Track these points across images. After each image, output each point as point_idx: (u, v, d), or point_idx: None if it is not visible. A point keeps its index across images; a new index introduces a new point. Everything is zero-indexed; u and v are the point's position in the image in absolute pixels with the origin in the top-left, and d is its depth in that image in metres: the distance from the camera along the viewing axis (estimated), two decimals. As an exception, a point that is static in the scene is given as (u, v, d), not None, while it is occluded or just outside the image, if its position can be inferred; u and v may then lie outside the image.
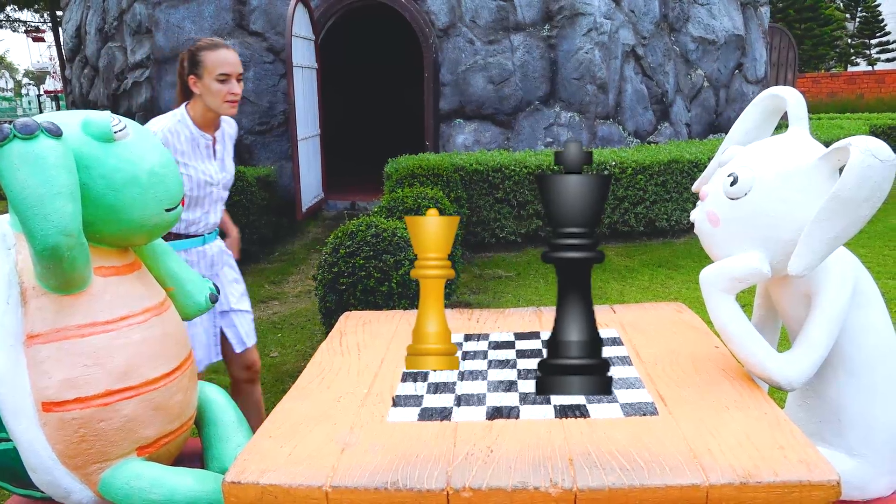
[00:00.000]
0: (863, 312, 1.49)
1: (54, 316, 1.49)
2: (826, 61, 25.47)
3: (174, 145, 2.20)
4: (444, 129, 6.78)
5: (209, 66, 2.15)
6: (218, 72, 2.15)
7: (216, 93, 2.17)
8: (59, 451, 1.50)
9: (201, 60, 2.16)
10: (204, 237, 2.37)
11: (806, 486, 1.06)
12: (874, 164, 1.26)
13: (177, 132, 2.22)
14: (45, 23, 26.44)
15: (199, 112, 2.24)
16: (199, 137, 2.26)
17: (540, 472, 1.12)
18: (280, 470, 1.17)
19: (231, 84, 2.17)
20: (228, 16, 6.86)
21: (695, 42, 7.83)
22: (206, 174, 2.28)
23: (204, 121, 2.26)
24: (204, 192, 2.30)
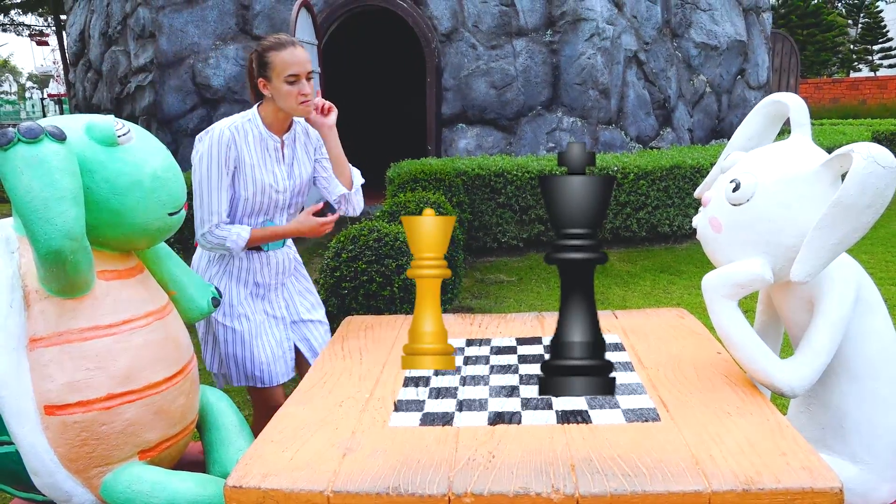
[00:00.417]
0: (865, 319, 1.49)
1: (57, 319, 1.50)
2: (828, 67, 25.48)
3: (239, 143, 2.06)
4: (447, 134, 6.79)
5: (277, 67, 2.02)
6: (287, 73, 2.01)
7: (286, 95, 2.03)
8: (60, 454, 1.50)
9: (269, 62, 2.03)
10: (266, 244, 2.18)
11: (808, 493, 1.06)
12: (876, 170, 1.26)
13: (245, 131, 2.09)
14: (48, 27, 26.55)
15: (270, 113, 2.11)
16: (268, 139, 2.12)
17: (542, 477, 1.12)
18: (281, 474, 1.17)
19: (301, 84, 2.04)
20: (232, 20, 6.88)
21: (697, 48, 7.84)
22: (270, 179, 2.11)
23: (275, 122, 2.13)
24: (266, 197, 2.12)
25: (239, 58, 6.86)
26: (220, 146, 2.02)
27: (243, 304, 2.17)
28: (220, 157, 2.02)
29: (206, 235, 2.07)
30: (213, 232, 2.06)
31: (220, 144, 2.02)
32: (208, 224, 2.06)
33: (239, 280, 2.17)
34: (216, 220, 2.06)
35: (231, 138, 2.03)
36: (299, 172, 2.20)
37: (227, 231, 2.07)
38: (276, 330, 2.23)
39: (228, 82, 6.85)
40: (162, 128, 7.03)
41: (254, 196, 2.10)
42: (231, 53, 6.87)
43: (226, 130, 2.03)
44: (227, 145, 2.02)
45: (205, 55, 6.89)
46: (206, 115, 6.95)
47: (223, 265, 2.17)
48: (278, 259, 2.23)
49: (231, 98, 6.86)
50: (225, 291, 2.16)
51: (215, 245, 2.07)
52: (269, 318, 2.23)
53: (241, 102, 6.79)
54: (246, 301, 2.18)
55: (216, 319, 2.17)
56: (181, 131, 7.01)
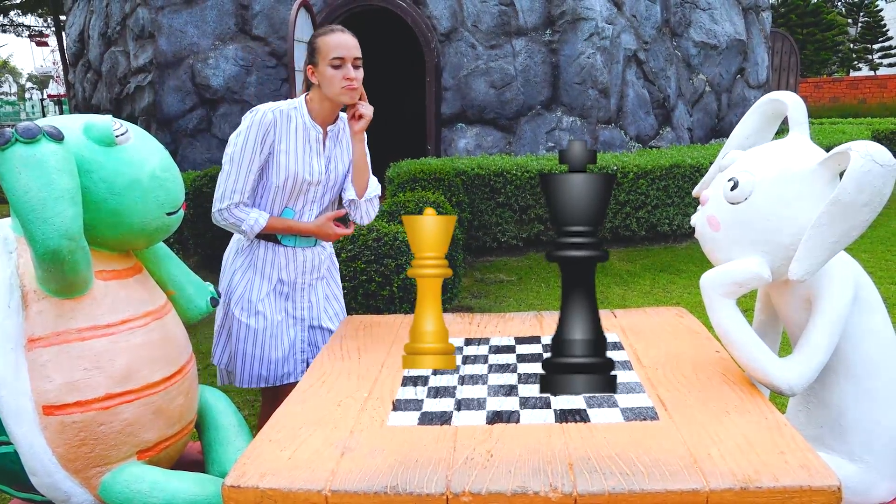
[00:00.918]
0: (864, 317, 1.49)
1: (55, 319, 1.50)
2: (828, 66, 25.47)
3: (280, 127, 2.03)
4: (446, 134, 6.79)
5: (323, 52, 1.99)
6: (332, 56, 1.97)
7: (330, 79, 1.99)
8: (59, 454, 1.50)
9: (317, 47, 2.00)
10: (295, 238, 2.13)
11: (806, 492, 1.06)
12: (874, 168, 1.26)
13: (288, 116, 2.05)
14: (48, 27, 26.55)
15: (317, 102, 2.07)
16: (311, 129, 2.07)
17: (540, 476, 1.12)
18: (280, 474, 1.17)
19: (346, 69, 1.99)
20: (231, 20, 6.88)
21: (696, 47, 7.84)
22: (306, 170, 2.06)
23: (320, 112, 2.08)
24: (298, 187, 2.07)
25: (238, 58, 6.86)
26: (261, 127, 2.00)
27: (263, 301, 2.13)
28: (256, 138, 2.00)
29: (223, 212, 2.03)
30: (231, 210, 2.03)
31: (260, 125, 2.00)
32: (228, 201, 2.03)
33: (263, 275, 2.13)
34: (237, 199, 2.02)
35: (272, 122, 2.01)
36: (335, 166, 2.15)
37: (246, 214, 2.04)
38: (294, 330, 2.19)
39: (228, 82, 6.85)
40: (161, 128, 7.03)
41: (285, 184, 2.06)
42: (230, 53, 6.87)
43: (269, 113, 2.01)
44: (268, 128, 2.00)
45: (204, 55, 6.89)
46: (206, 115, 6.95)
47: (248, 257, 2.14)
48: (306, 257, 2.17)
49: (231, 98, 6.86)
50: (247, 285, 2.12)
51: (230, 224, 2.04)
52: (288, 318, 2.18)
53: (240, 102, 6.79)
54: (267, 298, 2.13)
55: (233, 313, 2.14)
56: (181, 131, 7.01)
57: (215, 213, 2.05)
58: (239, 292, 2.13)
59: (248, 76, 6.84)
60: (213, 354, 2.24)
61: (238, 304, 2.13)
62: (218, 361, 2.23)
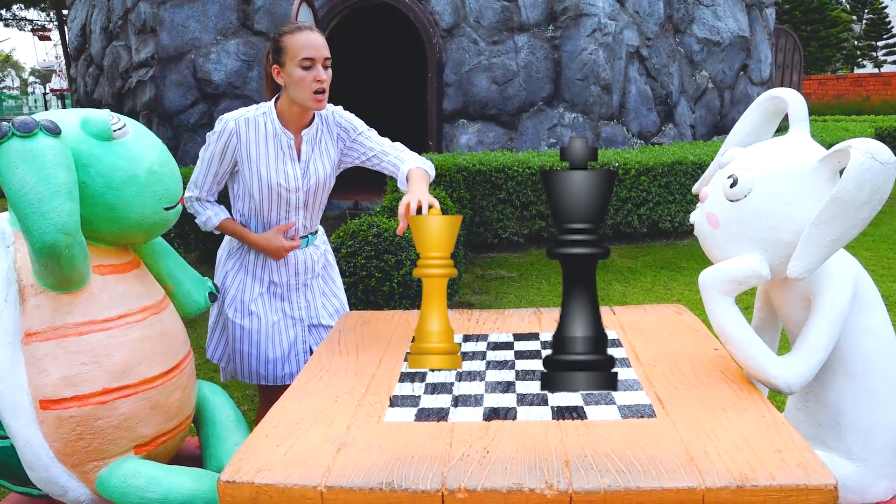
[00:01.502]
0: (863, 316, 1.48)
1: (52, 314, 1.50)
2: (832, 63, 25.39)
3: (245, 136, 1.98)
4: (448, 130, 6.78)
5: (291, 51, 1.89)
6: (301, 56, 1.88)
7: (300, 81, 1.90)
8: (56, 448, 1.50)
9: (283, 46, 1.91)
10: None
11: (803, 491, 1.06)
12: (874, 166, 1.25)
13: (256, 123, 1.99)
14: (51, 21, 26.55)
15: (286, 107, 1.99)
16: (282, 135, 2.00)
17: (536, 473, 1.12)
18: (275, 469, 1.17)
19: (317, 70, 1.90)
20: (233, 15, 6.87)
21: (699, 43, 7.81)
22: (280, 177, 2.01)
23: (289, 117, 2.01)
24: (276, 195, 2.03)
25: (240, 53, 6.85)
26: (221, 137, 2.00)
27: (256, 301, 2.12)
28: (217, 147, 2.01)
29: (187, 200, 2.11)
30: (192, 201, 2.11)
31: (221, 135, 2.00)
32: (189, 193, 2.09)
33: (255, 277, 2.13)
34: (197, 193, 2.09)
35: (234, 131, 1.98)
36: (315, 170, 2.08)
37: (203, 209, 2.10)
38: (293, 330, 2.17)
39: (229, 77, 6.85)
40: (163, 123, 7.03)
41: (260, 194, 2.02)
42: (232, 48, 6.86)
43: (231, 122, 1.99)
44: (228, 138, 1.99)
45: (206, 50, 6.88)
46: (207, 110, 6.94)
47: (240, 259, 2.14)
48: (297, 259, 2.14)
49: (232, 93, 6.85)
50: (239, 286, 2.12)
51: (192, 212, 2.12)
52: (286, 318, 2.16)
53: (242, 97, 6.78)
54: (260, 298, 2.12)
55: (226, 313, 2.14)
56: (182, 126, 7.01)
57: (184, 198, 2.10)
58: (232, 293, 2.13)
59: (250, 71, 6.83)
60: (207, 349, 2.24)
61: (231, 305, 2.13)
62: (211, 356, 2.23)
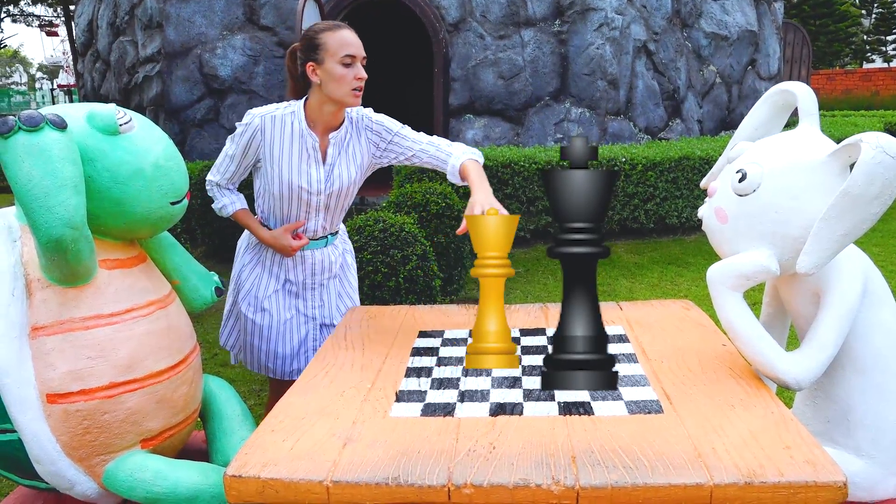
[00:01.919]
0: (873, 311, 1.47)
1: (59, 308, 1.50)
2: (841, 58, 25.23)
3: (269, 134, 1.95)
4: (454, 125, 6.76)
5: (332, 48, 1.85)
6: (342, 53, 1.85)
7: (341, 78, 1.86)
8: (63, 442, 1.50)
9: (322, 43, 1.87)
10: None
11: (812, 487, 1.05)
12: (885, 160, 1.24)
13: (282, 122, 1.95)
14: (58, 17, 26.62)
15: (315, 106, 1.95)
16: (307, 136, 1.96)
17: (542, 469, 1.11)
18: (281, 464, 1.17)
19: (357, 68, 1.88)
20: (239, 10, 6.87)
21: (707, 38, 7.77)
22: (303, 179, 1.98)
23: (318, 117, 1.97)
24: (294, 195, 2.00)
25: (246, 48, 6.85)
26: (246, 131, 1.97)
27: (270, 298, 2.12)
28: (242, 138, 1.98)
29: (208, 183, 2.12)
30: (211, 186, 2.11)
31: (246, 129, 1.97)
32: (210, 176, 2.10)
33: (271, 273, 2.12)
34: (218, 179, 2.08)
35: (259, 127, 1.95)
36: (340, 174, 2.03)
37: (221, 195, 2.11)
38: (304, 328, 2.16)
39: (236, 72, 6.85)
40: (169, 118, 7.04)
41: (281, 193, 2.00)
42: (238, 43, 6.86)
43: (257, 118, 1.95)
44: (253, 134, 1.96)
45: (212, 45, 6.89)
46: (214, 105, 6.95)
47: (257, 254, 2.13)
48: (314, 259, 2.13)
49: (238, 88, 6.85)
50: (255, 281, 2.12)
51: (210, 195, 2.13)
52: (298, 315, 2.15)
53: (248, 93, 6.78)
54: (275, 295, 2.12)
55: (240, 306, 2.14)
56: (189, 122, 7.02)
57: (207, 178, 2.12)
58: (246, 288, 2.13)
59: (256, 66, 6.83)
60: (221, 335, 2.25)
61: (245, 299, 2.13)
62: (224, 343, 2.24)
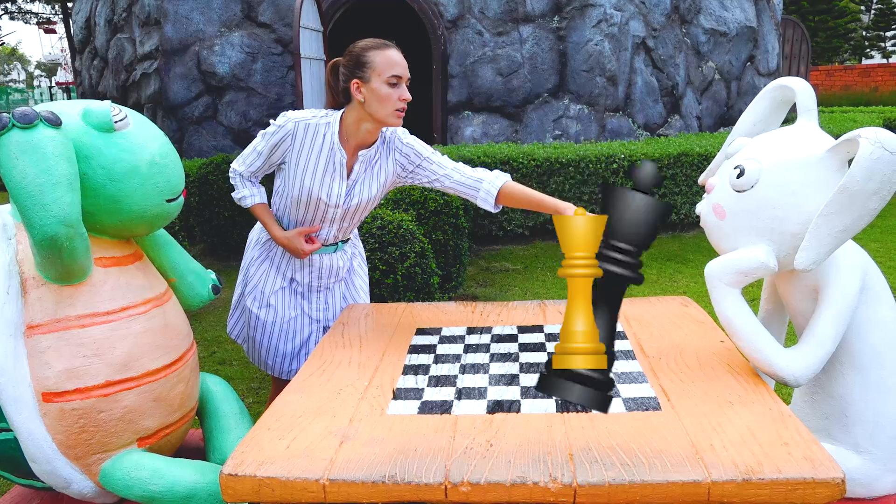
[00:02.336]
0: (871, 307, 1.47)
1: (54, 306, 1.49)
2: (840, 54, 25.20)
3: (300, 141, 1.93)
4: (453, 122, 6.75)
5: (379, 68, 1.84)
6: (390, 73, 1.84)
7: (386, 98, 1.85)
8: (59, 441, 1.50)
9: (369, 61, 1.85)
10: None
11: (810, 484, 1.05)
12: (884, 156, 1.23)
13: (315, 131, 1.93)
14: (56, 14, 26.56)
15: (353, 122, 1.93)
16: (337, 151, 1.94)
17: (539, 466, 1.11)
18: (278, 462, 1.17)
19: (402, 89, 1.87)
20: (237, 7, 6.85)
21: (706, 34, 7.75)
22: (324, 191, 1.96)
23: (353, 133, 1.95)
24: (313, 205, 1.98)
25: (244, 45, 6.83)
26: (278, 132, 1.94)
27: (276, 294, 2.11)
28: (273, 138, 1.95)
29: (232, 170, 2.07)
30: (236, 174, 2.06)
31: (278, 130, 1.94)
32: (235, 164, 2.06)
33: (278, 270, 2.11)
34: (242, 169, 2.04)
35: (292, 132, 1.93)
36: (360, 192, 2.02)
37: (242, 185, 2.06)
38: (308, 328, 2.15)
39: (234, 69, 6.83)
40: (167, 115, 7.03)
41: (299, 199, 1.98)
42: (236, 41, 6.84)
43: (291, 123, 1.93)
44: (284, 136, 1.93)
45: (210, 42, 6.87)
46: (212, 102, 6.93)
47: (267, 250, 2.13)
48: (322, 263, 2.11)
49: (236, 85, 6.84)
50: (262, 276, 2.11)
51: (232, 183, 2.09)
52: (303, 316, 2.14)
53: (246, 90, 6.77)
54: (281, 292, 2.11)
55: (245, 300, 2.14)
56: (187, 119, 7.00)
57: (231, 166, 2.09)
58: (254, 282, 2.12)
59: (254, 63, 6.82)
60: (228, 324, 2.26)
61: (251, 293, 2.13)
62: (230, 332, 2.25)
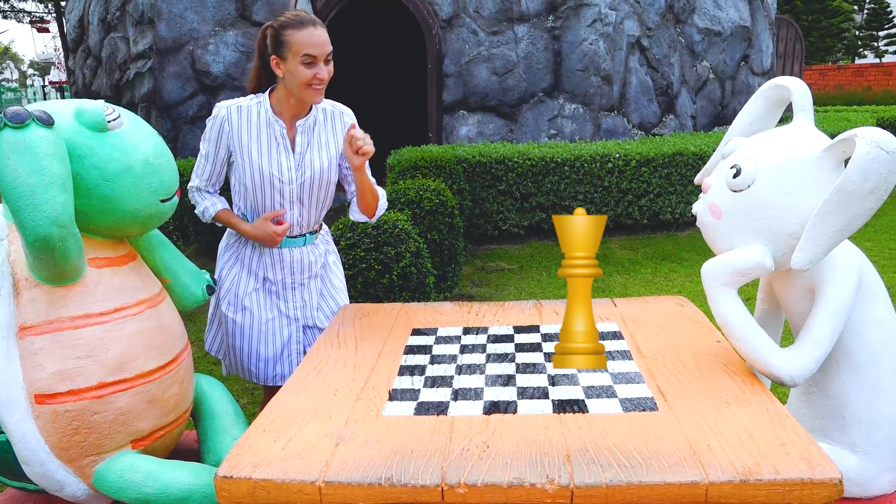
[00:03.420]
0: (867, 307, 1.47)
1: (47, 307, 1.48)
2: (833, 53, 25.29)
3: (236, 124, 1.97)
4: (448, 121, 6.74)
5: (294, 47, 1.87)
6: (304, 53, 1.86)
7: (300, 77, 1.88)
8: (52, 443, 1.48)
9: (285, 40, 1.88)
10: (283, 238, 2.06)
11: (807, 484, 1.04)
12: (880, 155, 1.23)
13: (248, 111, 1.98)
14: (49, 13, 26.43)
15: (281, 97, 1.98)
16: (274, 124, 1.98)
17: (536, 467, 1.10)
18: (273, 464, 1.16)
19: (318, 67, 1.89)
20: (231, 6, 6.83)
21: (700, 33, 7.76)
22: (274, 167, 1.98)
23: (285, 107, 1.99)
24: (267, 184, 1.99)
25: (238, 44, 6.81)
26: (214, 123, 1.99)
27: (250, 296, 2.09)
28: (212, 132, 2.00)
29: (189, 190, 2.11)
30: (192, 192, 2.10)
31: (214, 121, 1.99)
32: (191, 183, 2.09)
33: (249, 271, 2.10)
34: (197, 182, 2.07)
35: (225, 117, 1.98)
36: (311, 162, 2.03)
37: (201, 199, 2.09)
38: (287, 329, 2.13)
39: (228, 69, 6.80)
40: (161, 115, 7.00)
41: (253, 184, 1.99)
42: (230, 39, 6.81)
43: (223, 109, 1.98)
44: (221, 124, 1.98)
45: (204, 41, 6.84)
46: (206, 101, 6.91)
47: (236, 252, 2.12)
48: (293, 258, 2.10)
49: (231, 85, 6.81)
50: (234, 279, 2.10)
51: (192, 202, 2.11)
52: (281, 317, 2.12)
53: (241, 89, 6.74)
54: (255, 293, 2.10)
55: (220, 306, 2.11)
56: (181, 118, 6.98)
57: (188, 187, 2.11)
58: (226, 286, 2.10)
59: (249, 62, 6.79)
60: (206, 341, 2.22)
61: (225, 298, 2.10)
62: (209, 348, 2.21)
